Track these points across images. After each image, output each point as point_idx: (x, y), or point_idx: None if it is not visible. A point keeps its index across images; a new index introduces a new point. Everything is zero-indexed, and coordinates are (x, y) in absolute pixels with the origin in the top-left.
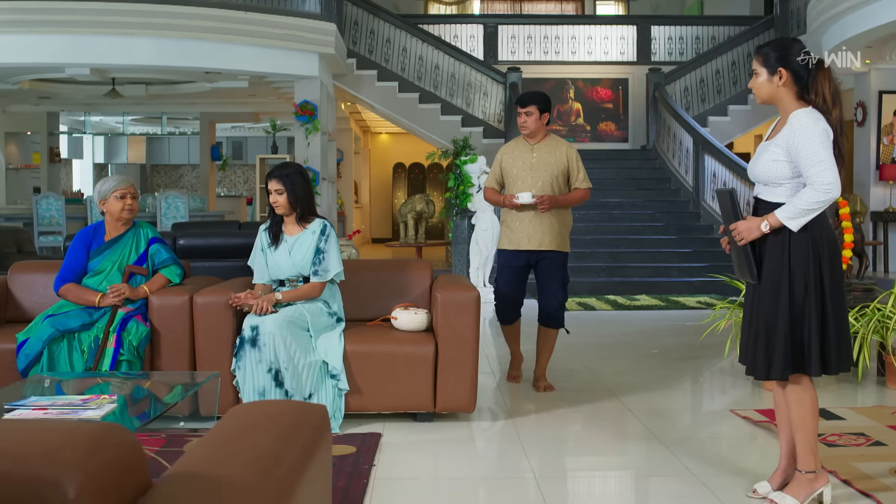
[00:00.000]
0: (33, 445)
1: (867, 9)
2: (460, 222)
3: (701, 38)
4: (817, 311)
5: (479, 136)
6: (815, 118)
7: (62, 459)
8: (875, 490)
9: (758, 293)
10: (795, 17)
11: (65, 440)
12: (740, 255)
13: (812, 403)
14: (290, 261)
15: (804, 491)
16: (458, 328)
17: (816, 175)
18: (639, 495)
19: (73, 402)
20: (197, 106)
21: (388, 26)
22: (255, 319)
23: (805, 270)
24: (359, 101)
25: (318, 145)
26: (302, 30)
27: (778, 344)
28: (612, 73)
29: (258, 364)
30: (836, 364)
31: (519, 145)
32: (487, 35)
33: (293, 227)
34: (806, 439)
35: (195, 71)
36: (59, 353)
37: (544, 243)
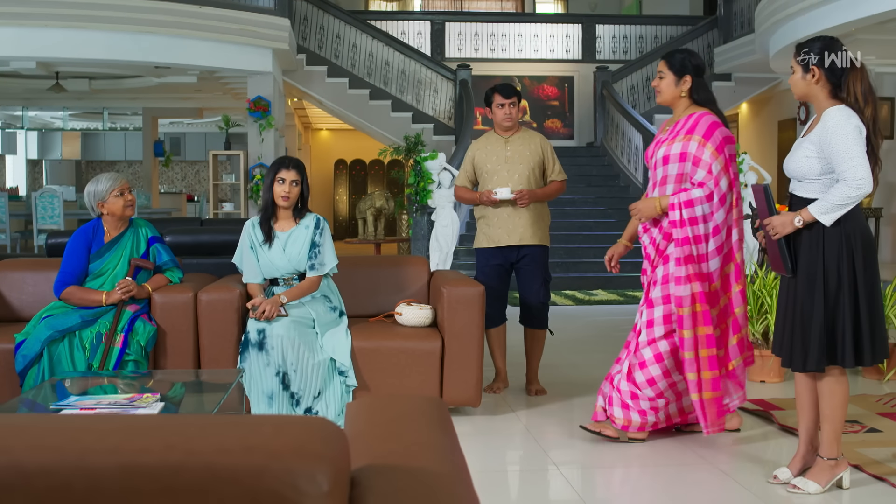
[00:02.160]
0: (276, 439)
1: (818, 11)
2: (420, 219)
3: (644, 38)
4: (851, 304)
5: (430, 132)
6: (847, 115)
7: (313, 453)
8: (886, 474)
9: (793, 287)
10: (739, 18)
11: (300, 434)
12: (775, 250)
13: (844, 395)
14: (286, 257)
15: (826, 476)
16: (464, 323)
17: (849, 171)
18: (668, 484)
19: (120, 402)
20: (140, 101)
21: (338, 22)
22: (261, 322)
23: (838, 264)
24: (308, 97)
25: (272, 141)
26: (256, 25)
27: (814, 336)
28: (557, 71)
29: (266, 367)
30: (871, 356)
31: (491, 140)
32: (434, 32)
33: (287, 222)
34: (833, 428)
35: (145, 65)
36: (60, 353)
37: (525, 238)
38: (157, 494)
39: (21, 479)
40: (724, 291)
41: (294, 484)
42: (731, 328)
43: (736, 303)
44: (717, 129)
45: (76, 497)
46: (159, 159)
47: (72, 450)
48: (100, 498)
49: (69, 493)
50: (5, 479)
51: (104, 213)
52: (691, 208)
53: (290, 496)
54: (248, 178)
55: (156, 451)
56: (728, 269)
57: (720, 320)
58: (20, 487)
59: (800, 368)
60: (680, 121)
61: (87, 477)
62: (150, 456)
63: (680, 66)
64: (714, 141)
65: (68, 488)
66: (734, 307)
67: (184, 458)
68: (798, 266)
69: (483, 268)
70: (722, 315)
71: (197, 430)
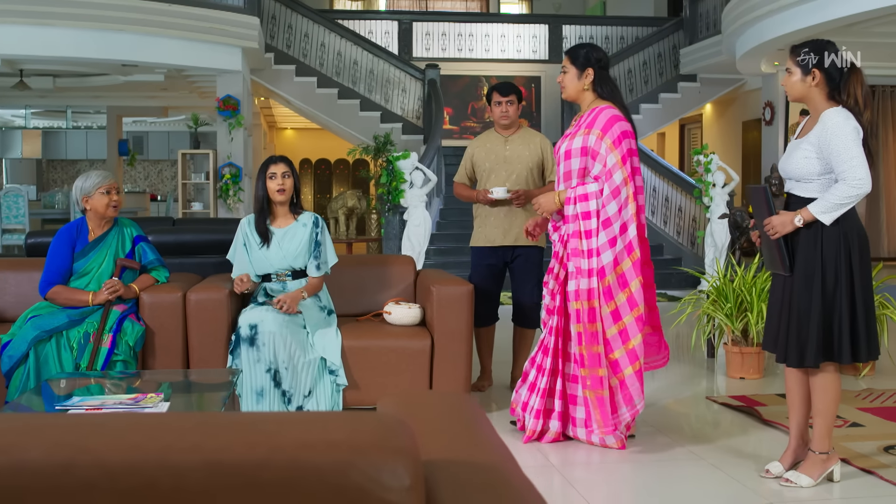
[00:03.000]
0: (357, 435)
1: (786, 13)
2: (392, 218)
3: (610, 38)
4: (848, 302)
5: (399, 132)
6: (846, 116)
7: (395, 448)
8: (874, 467)
9: (789, 285)
10: (705, 19)
11: (379, 430)
12: (773, 249)
13: (836, 391)
14: (281, 253)
15: (818, 470)
16: (453, 322)
17: (848, 171)
18: (661, 479)
19: (125, 402)
20: (104, 99)
21: (306, 21)
22: (253, 318)
23: (836, 262)
24: (276, 96)
25: (241, 141)
26: (225, 23)
27: (812, 333)
28: (524, 71)
29: (256, 363)
30: (867, 352)
31: (491, 138)
32: (402, 31)
33: (283, 218)
34: (825, 423)
35: (112, 63)
36: (47, 353)
37: (520, 238)
38: (242, 490)
39: (106, 477)
40: (621, 287)
41: (378, 479)
42: (637, 325)
43: (638, 299)
44: (616, 123)
45: (162, 494)
46: (124, 158)
47: (154, 448)
48: (185, 495)
49: (154, 491)
50: (91, 478)
51: (87, 209)
52: (586, 202)
53: (375, 491)
54: (217, 177)
55: (237, 447)
56: (624, 266)
57: (615, 318)
58: (106, 486)
59: (795, 364)
60: (584, 115)
61: (172, 475)
62: (232, 453)
63: (583, 60)
64: (612, 135)
65: (153, 486)
66: (637, 303)
67: (268, 455)
68: (795, 264)
69: (477, 267)
70: (616, 313)
71: (275, 426)
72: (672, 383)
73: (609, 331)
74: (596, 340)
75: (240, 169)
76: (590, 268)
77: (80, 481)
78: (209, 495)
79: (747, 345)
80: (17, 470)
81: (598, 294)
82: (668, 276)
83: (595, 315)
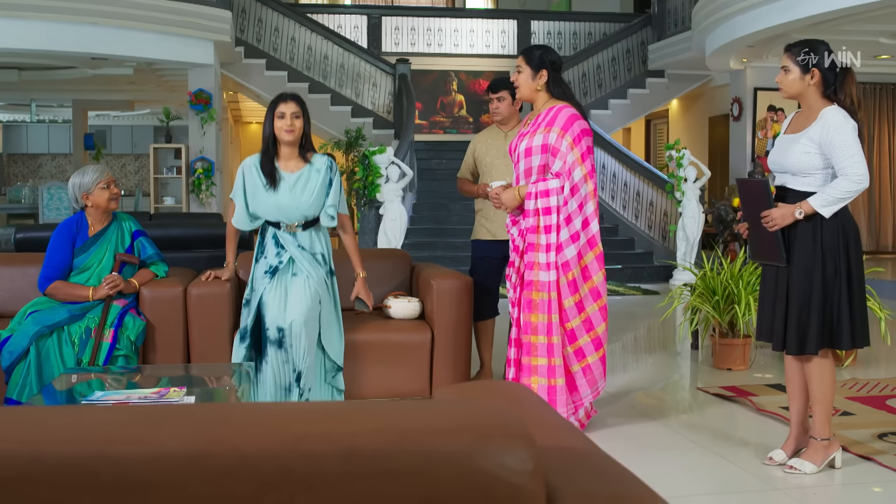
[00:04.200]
0: (480, 420)
1: (757, 11)
2: (368, 213)
3: (578, 34)
4: (847, 290)
5: (370, 126)
6: (845, 115)
7: (517, 433)
8: (871, 454)
9: (784, 275)
10: (673, 16)
11: (500, 415)
12: (769, 240)
13: (832, 377)
14: (294, 202)
15: (820, 456)
16: (453, 315)
17: (850, 167)
18: (669, 467)
19: (149, 397)
20: (70, 93)
21: (276, 15)
22: (281, 321)
23: (835, 253)
24: (246, 90)
25: (214, 135)
26: (197, 16)
27: (812, 321)
28: (493, 66)
29: (284, 364)
30: (862, 338)
31: (492, 134)
32: (371, 26)
33: (293, 162)
34: (824, 410)
35: (82, 56)
36: (49, 348)
37: None
38: (376, 477)
39: (244, 466)
40: (585, 280)
41: (503, 463)
42: (601, 314)
43: (602, 290)
44: (575, 122)
45: (299, 480)
46: (90, 152)
47: (288, 436)
48: (322, 481)
49: (292, 477)
50: (229, 466)
51: (89, 205)
52: (546, 198)
53: (503, 476)
54: (189, 171)
55: (368, 434)
56: (588, 259)
57: (580, 308)
58: (244, 474)
59: (796, 352)
60: (541, 114)
61: (308, 461)
62: (364, 440)
63: (538, 62)
64: (572, 133)
65: (290, 473)
66: (601, 294)
67: (398, 442)
68: (792, 255)
69: (478, 260)
70: (580, 304)
71: (399, 414)
72: (661, 375)
73: (573, 321)
74: (552, 331)
75: (212, 163)
76: (548, 261)
77: (217, 470)
78: (346, 482)
79: (734, 336)
80: (154, 460)
81: (557, 287)
82: (640, 270)
83: (552, 306)
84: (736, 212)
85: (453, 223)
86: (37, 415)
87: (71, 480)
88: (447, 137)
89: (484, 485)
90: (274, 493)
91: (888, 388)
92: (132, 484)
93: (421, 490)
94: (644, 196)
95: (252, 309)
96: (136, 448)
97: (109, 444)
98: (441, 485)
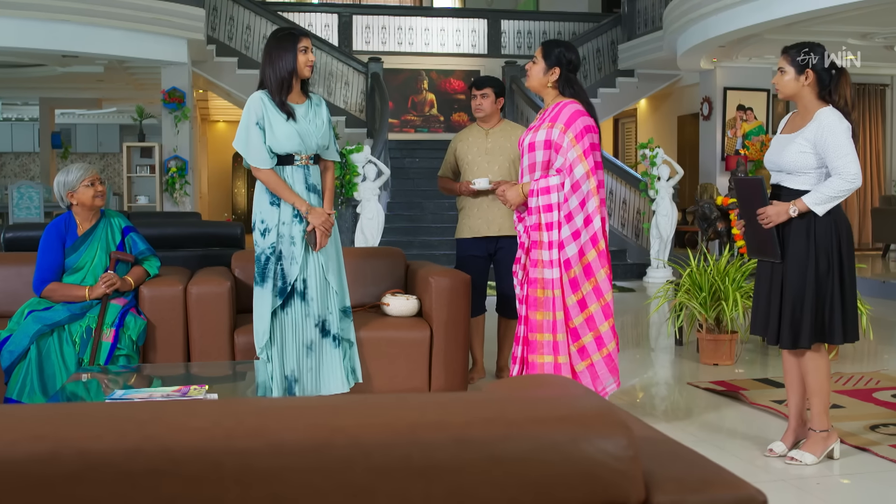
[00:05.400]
0: (580, 409)
1: (731, 12)
2: (345, 211)
3: (548, 34)
4: (839, 286)
5: (342, 125)
6: (839, 116)
7: (617, 421)
8: (866, 445)
9: (779, 271)
10: (643, 16)
11: (597, 405)
12: (764, 237)
13: (827, 370)
14: (312, 129)
15: (820, 447)
16: (451, 312)
17: (843, 166)
18: None
19: (172, 395)
20: (37, 91)
21: (248, 13)
22: (306, 272)
23: (828, 250)
24: (216, 88)
25: (188, 133)
26: (171, 14)
27: (805, 316)
28: (464, 65)
29: (306, 318)
30: (853, 333)
31: (473, 132)
32: (342, 25)
33: (297, 96)
34: (821, 402)
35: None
36: (49, 347)
37: (504, 228)
38: (488, 464)
39: (363, 455)
40: (587, 277)
41: (607, 450)
42: (604, 313)
43: (605, 288)
44: (579, 118)
45: (414, 469)
46: (57, 151)
47: (403, 425)
48: (436, 470)
49: (409, 464)
50: (347, 455)
51: (74, 203)
52: (547, 195)
53: (606, 461)
54: (163, 170)
55: (478, 424)
56: (590, 256)
57: (582, 306)
58: (362, 463)
59: (789, 346)
60: (548, 109)
61: (423, 449)
62: (475, 429)
63: (554, 58)
64: (575, 129)
65: (407, 460)
66: (604, 292)
67: (506, 430)
68: (786, 252)
69: (463, 258)
70: (582, 302)
71: (506, 405)
72: (649, 371)
73: (576, 319)
74: (556, 328)
75: (186, 162)
76: (550, 259)
77: (336, 459)
78: (459, 470)
79: (720, 332)
80: (276, 451)
81: (561, 284)
82: (614, 268)
83: (557, 304)
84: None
85: (428, 221)
86: (152, 410)
87: (196, 473)
88: (418, 136)
89: (588, 471)
90: (389, 482)
91: (872, 382)
92: (255, 475)
93: (530, 476)
94: (617, 194)
95: (297, 259)
96: (258, 440)
97: (231, 437)
98: (549, 471)
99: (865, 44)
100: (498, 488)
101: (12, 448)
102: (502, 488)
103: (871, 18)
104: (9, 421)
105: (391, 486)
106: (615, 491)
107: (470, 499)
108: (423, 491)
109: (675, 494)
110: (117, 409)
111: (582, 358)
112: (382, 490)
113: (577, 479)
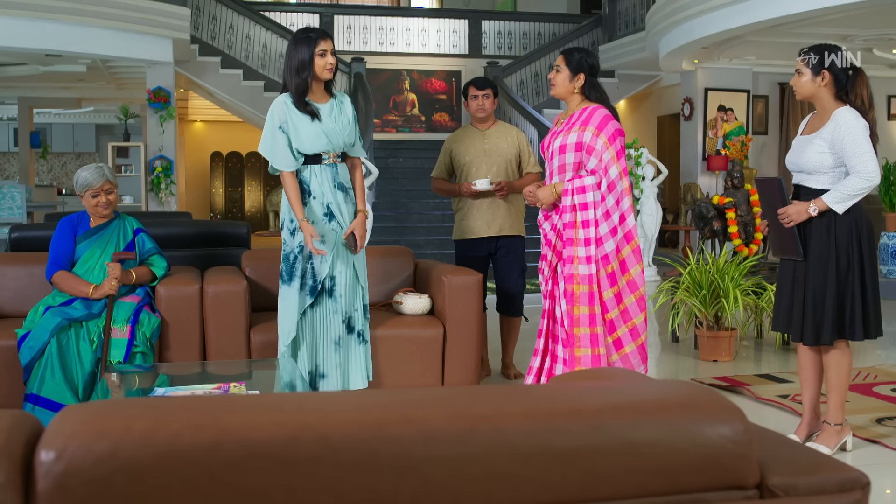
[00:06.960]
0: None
1: (714, 14)
2: None
3: (528, 34)
4: (860, 284)
5: None
6: (856, 115)
7: (730, 407)
8: (875, 437)
9: (801, 269)
10: (624, 17)
11: (707, 393)
12: (785, 236)
13: (848, 366)
14: (337, 127)
15: (834, 440)
16: (464, 310)
17: (861, 165)
18: None
19: (213, 392)
20: (16, 90)
21: (231, 13)
22: (334, 270)
23: (848, 248)
24: (199, 88)
25: (173, 133)
26: (156, 13)
27: (827, 313)
28: (445, 66)
29: (334, 315)
30: (875, 329)
31: (468, 133)
32: (323, 24)
33: (321, 95)
34: (839, 396)
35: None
36: (68, 343)
37: (504, 228)
38: (621, 448)
39: (507, 443)
40: (622, 272)
41: (726, 434)
42: (638, 305)
43: (639, 282)
44: (609, 122)
45: (553, 455)
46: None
47: (540, 413)
48: (573, 455)
49: (548, 450)
50: (490, 442)
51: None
52: (583, 194)
53: (727, 445)
54: (148, 170)
55: (610, 410)
56: (625, 252)
57: (618, 300)
58: (506, 451)
59: (812, 342)
60: (575, 113)
61: (562, 437)
62: (607, 416)
63: (577, 65)
64: (607, 132)
65: (547, 447)
66: (638, 286)
67: (637, 417)
68: (808, 250)
69: (462, 259)
70: (618, 296)
71: (629, 393)
72: (651, 367)
73: (612, 312)
74: (594, 322)
75: (172, 162)
76: (588, 255)
77: (482, 446)
78: (594, 456)
79: (720, 329)
80: (427, 439)
81: (597, 279)
82: None
83: (594, 298)
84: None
85: (413, 221)
86: (303, 399)
87: (352, 460)
88: (400, 136)
89: (710, 455)
90: (530, 467)
91: (871, 377)
92: (408, 462)
93: (658, 460)
94: None
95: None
96: (409, 429)
97: (383, 425)
98: (675, 455)
99: (846, 46)
100: (630, 472)
101: (177, 439)
102: (634, 472)
103: (852, 21)
104: (166, 413)
105: (532, 472)
106: (734, 473)
107: (604, 482)
108: (561, 475)
109: (787, 476)
110: (267, 399)
111: (616, 349)
112: (524, 475)
113: (700, 462)
